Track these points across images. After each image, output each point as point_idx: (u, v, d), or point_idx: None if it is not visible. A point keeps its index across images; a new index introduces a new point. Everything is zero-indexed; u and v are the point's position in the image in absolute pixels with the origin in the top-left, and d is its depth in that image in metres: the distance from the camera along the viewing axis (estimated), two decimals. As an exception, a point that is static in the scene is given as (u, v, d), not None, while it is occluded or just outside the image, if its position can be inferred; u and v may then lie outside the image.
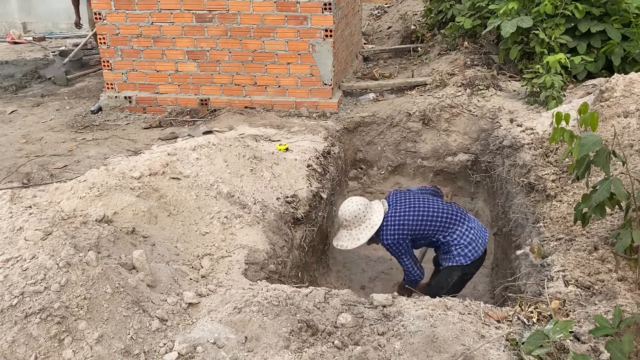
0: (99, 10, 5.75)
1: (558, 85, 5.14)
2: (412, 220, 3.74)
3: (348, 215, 3.78)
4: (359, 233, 3.77)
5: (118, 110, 6.07)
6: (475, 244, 3.79)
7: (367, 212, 3.78)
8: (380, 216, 3.77)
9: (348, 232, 3.82)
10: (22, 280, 2.27)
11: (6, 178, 4.48)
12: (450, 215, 3.81)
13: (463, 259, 3.78)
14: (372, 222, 3.76)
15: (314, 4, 5.43)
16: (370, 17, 11.63)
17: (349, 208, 3.79)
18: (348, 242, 3.80)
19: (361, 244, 3.78)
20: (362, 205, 3.79)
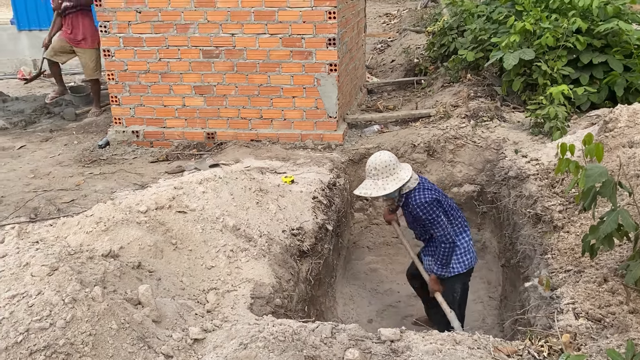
0: (108, 48, 5.87)
1: (562, 116, 5.16)
2: (440, 191, 3.90)
3: (379, 163, 3.75)
4: (385, 184, 3.74)
5: (125, 144, 6.13)
6: (472, 254, 4.02)
7: (397, 167, 3.77)
8: (409, 174, 3.77)
9: (374, 181, 3.78)
10: (28, 317, 2.26)
11: (14, 213, 4.50)
12: (461, 216, 4.00)
13: (460, 267, 3.92)
14: (400, 176, 3.76)
15: (318, 39, 5.53)
16: (374, 50, 11.81)
17: (381, 157, 3.78)
18: (373, 190, 3.77)
19: (386, 193, 3.74)
20: (394, 157, 3.82)
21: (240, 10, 5.53)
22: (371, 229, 5.84)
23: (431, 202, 3.74)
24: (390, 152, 3.92)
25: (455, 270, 3.94)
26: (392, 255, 5.52)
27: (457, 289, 4.02)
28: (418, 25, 11.95)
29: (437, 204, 3.77)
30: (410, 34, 11.25)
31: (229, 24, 5.60)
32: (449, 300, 4.02)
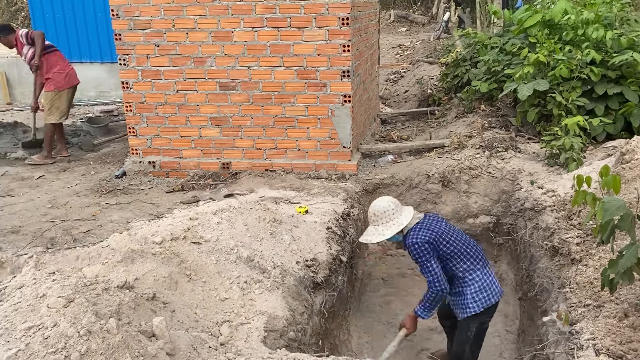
0: (127, 80, 6.01)
1: (577, 147, 5.14)
2: (441, 231, 3.70)
3: (377, 210, 3.75)
4: (385, 229, 3.73)
5: (142, 174, 6.20)
6: (491, 291, 3.73)
7: (397, 211, 3.74)
8: (409, 217, 3.74)
9: (375, 227, 3.78)
10: (43, 349, 2.26)
11: (31, 242, 4.55)
12: (476, 251, 3.78)
13: (476, 306, 3.69)
14: (399, 221, 3.72)
15: (333, 71, 5.61)
16: (388, 81, 11.93)
17: (380, 204, 3.77)
18: (373, 237, 3.76)
19: (385, 238, 3.72)
20: (393, 203, 3.78)
21: (257, 44, 5.64)
22: (385, 260, 5.79)
23: (422, 243, 3.63)
24: (390, 198, 3.90)
25: (471, 309, 3.71)
26: (408, 287, 5.45)
27: (472, 328, 3.79)
28: (431, 56, 12.08)
29: (428, 246, 3.64)
30: (423, 65, 11.36)
31: (245, 57, 5.71)
32: (462, 340, 3.84)
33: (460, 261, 3.73)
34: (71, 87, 7.21)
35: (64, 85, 7.08)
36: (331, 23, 5.49)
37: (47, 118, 7.06)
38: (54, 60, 7.08)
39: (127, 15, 5.79)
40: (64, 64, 7.21)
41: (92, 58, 10.96)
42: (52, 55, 7.10)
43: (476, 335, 3.83)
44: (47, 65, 7.03)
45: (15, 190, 5.98)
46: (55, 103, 7.05)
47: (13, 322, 2.47)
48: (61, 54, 7.42)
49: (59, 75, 7.03)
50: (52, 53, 7.12)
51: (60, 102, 7.07)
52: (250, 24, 5.60)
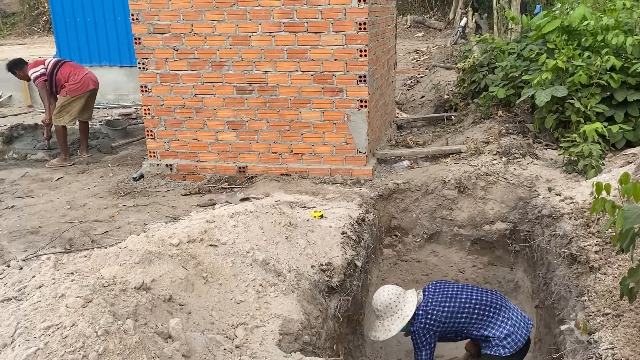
0: (145, 84, 6.08)
1: (596, 154, 5.08)
2: (444, 313, 3.68)
3: (379, 305, 3.78)
4: (390, 324, 3.74)
5: (159, 177, 6.27)
6: (515, 336, 3.68)
7: (400, 302, 3.75)
8: (413, 307, 3.73)
9: (380, 322, 3.80)
10: (62, 348, 2.29)
11: (50, 243, 4.62)
12: (486, 308, 3.73)
13: (502, 350, 3.66)
14: (404, 313, 3.72)
15: (349, 76, 5.62)
16: (404, 86, 11.91)
17: (381, 298, 3.79)
18: (380, 333, 3.77)
19: (392, 335, 3.73)
20: (394, 294, 3.77)
21: (274, 48, 5.68)
22: (400, 266, 5.78)
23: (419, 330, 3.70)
24: (390, 288, 3.86)
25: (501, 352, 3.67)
26: (422, 293, 5.42)
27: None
28: (448, 61, 12.04)
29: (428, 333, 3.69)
30: (440, 71, 11.32)
31: (262, 62, 5.74)
32: None
33: (477, 325, 3.71)
34: (85, 93, 7.25)
35: (77, 92, 7.16)
36: (348, 28, 5.50)
37: (57, 120, 7.15)
38: (66, 72, 7.17)
39: (146, 20, 5.87)
40: (77, 70, 7.27)
41: (111, 62, 11.12)
42: (63, 70, 7.18)
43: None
44: (61, 79, 7.16)
45: (35, 191, 6.08)
46: (65, 107, 7.13)
47: (33, 321, 2.51)
48: (73, 63, 7.56)
49: (73, 85, 7.14)
50: (62, 67, 7.21)
51: (70, 107, 7.15)
52: (267, 28, 5.64)
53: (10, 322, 2.55)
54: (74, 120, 7.27)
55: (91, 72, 7.53)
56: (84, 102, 7.29)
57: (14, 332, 2.48)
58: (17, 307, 2.68)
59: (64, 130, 7.15)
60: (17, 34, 24.53)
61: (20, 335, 2.43)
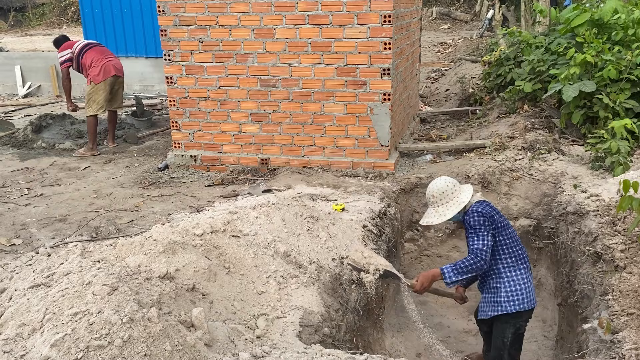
0: (171, 75, 6.14)
1: (624, 151, 4.98)
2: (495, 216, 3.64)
3: (436, 191, 3.71)
4: (445, 209, 3.68)
5: (183, 168, 6.35)
6: (527, 295, 3.62)
7: (455, 190, 3.70)
8: (469, 195, 3.68)
9: (435, 209, 3.73)
10: (88, 334, 2.36)
11: (77, 231, 4.73)
12: (523, 252, 3.70)
13: (509, 306, 3.58)
14: (459, 199, 3.67)
15: (373, 69, 5.60)
16: (428, 79, 11.80)
17: (437, 185, 3.73)
18: (434, 218, 3.71)
19: (447, 219, 3.66)
20: (451, 182, 3.74)
21: (298, 41, 5.68)
22: (422, 260, 5.76)
23: (484, 214, 3.57)
24: (448, 177, 3.83)
25: (503, 308, 3.60)
26: (443, 287, 5.40)
27: (508, 334, 3.69)
28: (473, 54, 11.88)
29: (489, 220, 3.57)
30: (465, 64, 11.19)
31: (286, 54, 5.76)
32: (498, 346, 3.76)
33: (507, 254, 3.64)
34: (109, 79, 7.23)
35: (100, 78, 7.16)
36: (373, 20, 5.48)
37: (86, 111, 7.26)
38: (90, 57, 7.24)
39: (172, 12, 5.92)
40: (99, 57, 7.27)
41: (137, 53, 11.25)
42: (88, 54, 7.26)
43: (513, 342, 3.73)
44: (85, 64, 7.26)
45: (62, 180, 6.21)
46: (92, 96, 7.20)
47: (60, 307, 2.58)
48: (99, 48, 7.52)
49: (94, 69, 7.17)
50: (88, 51, 7.29)
51: (97, 95, 7.19)
52: (292, 21, 5.65)
53: (39, 308, 2.64)
54: (102, 109, 7.28)
55: (116, 59, 7.51)
56: (109, 90, 7.31)
57: (43, 317, 2.57)
58: (46, 294, 2.76)
59: (93, 120, 7.23)
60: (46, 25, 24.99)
61: (49, 321, 2.51)
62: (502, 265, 3.66)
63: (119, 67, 7.43)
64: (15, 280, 3.30)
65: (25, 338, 2.52)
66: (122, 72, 7.50)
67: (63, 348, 2.32)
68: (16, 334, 2.55)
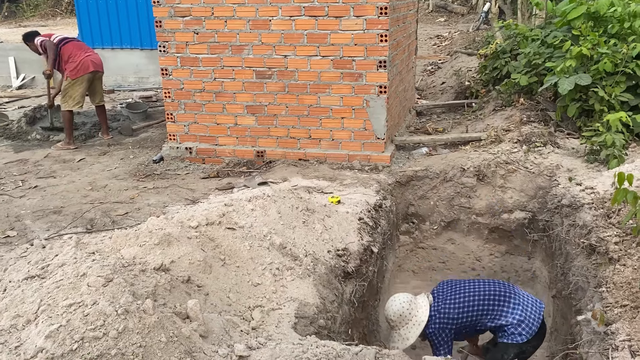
0: (166, 67, 6.11)
1: (619, 144, 5.00)
2: (455, 310, 3.70)
3: (392, 315, 3.77)
4: (407, 332, 3.74)
5: (179, 160, 6.33)
6: (528, 321, 3.66)
7: (412, 309, 3.74)
8: (426, 311, 3.73)
9: (397, 332, 3.79)
10: (83, 326, 2.35)
11: (72, 223, 4.71)
12: (496, 298, 3.72)
13: (519, 337, 3.65)
14: (418, 319, 3.72)
15: (369, 61, 5.58)
16: (424, 72, 11.79)
17: (393, 308, 3.78)
18: (399, 343, 3.75)
19: (411, 343, 3.73)
20: (406, 302, 3.77)
21: (294, 32, 5.66)
22: (417, 253, 5.78)
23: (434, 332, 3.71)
24: (401, 296, 3.84)
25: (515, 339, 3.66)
26: (438, 280, 5.42)
27: (510, 354, 3.72)
28: (470, 47, 11.88)
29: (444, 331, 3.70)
30: (461, 57, 11.18)
31: (282, 46, 5.73)
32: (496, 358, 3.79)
33: (484, 318, 3.71)
34: (86, 75, 7.14)
35: (76, 74, 7.08)
36: (369, 12, 5.45)
37: (62, 105, 7.19)
38: (68, 50, 7.14)
39: (167, 3, 5.88)
40: (78, 52, 7.17)
41: (132, 44, 11.18)
42: (66, 47, 7.16)
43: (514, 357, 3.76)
44: (62, 58, 7.16)
45: (57, 172, 6.19)
46: (68, 91, 7.11)
47: (55, 298, 2.58)
48: (78, 43, 7.43)
49: (71, 64, 7.08)
50: (66, 44, 7.19)
51: (73, 91, 7.10)
52: (288, 12, 5.62)
53: (34, 299, 2.63)
54: (78, 104, 7.17)
55: (94, 54, 7.41)
56: (87, 86, 7.22)
57: (38, 309, 2.56)
58: (41, 285, 2.75)
59: (69, 115, 7.14)
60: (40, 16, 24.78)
61: (43, 312, 2.50)
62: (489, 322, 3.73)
63: (98, 62, 7.33)
64: (9, 272, 3.28)
65: (19, 329, 2.51)
66: (101, 67, 7.41)
67: (58, 339, 2.31)
68: (10, 325, 2.54)
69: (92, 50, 7.56)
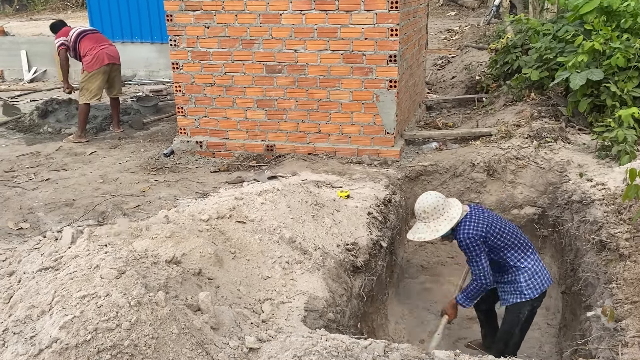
0: (177, 61, 6.14)
1: (631, 140, 4.96)
2: (490, 223, 3.71)
3: (427, 206, 3.72)
4: (437, 225, 3.71)
5: (189, 154, 6.36)
6: (543, 276, 3.77)
7: (446, 206, 3.74)
8: (459, 210, 3.74)
9: (425, 224, 3.76)
10: (96, 317, 2.39)
11: (84, 216, 4.76)
12: (525, 239, 3.82)
13: (531, 292, 3.72)
14: (450, 215, 3.71)
15: (379, 56, 5.57)
16: (434, 67, 11.74)
17: (429, 200, 3.74)
18: (426, 234, 3.74)
19: (440, 235, 3.71)
20: (441, 198, 3.77)
21: (304, 27, 5.66)
22: (426, 248, 5.78)
23: (474, 238, 3.66)
24: (436, 192, 3.86)
25: (526, 295, 3.73)
26: (447, 275, 5.43)
27: (524, 312, 3.81)
28: (480, 42, 11.79)
29: (480, 240, 3.67)
30: (472, 51, 11.12)
31: (292, 40, 5.73)
32: (512, 322, 3.86)
33: (512, 250, 3.76)
34: (103, 67, 7.18)
35: (92, 67, 7.12)
36: (379, 6, 5.44)
37: (80, 99, 7.26)
38: (85, 44, 7.19)
39: (178, -3, 5.90)
40: (93, 45, 7.20)
41: (143, 38, 11.21)
42: (83, 41, 7.21)
43: (526, 319, 3.86)
44: (80, 53, 7.22)
45: (69, 165, 6.24)
46: (85, 84, 7.16)
47: (69, 290, 2.62)
48: (94, 35, 7.44)
49: (87, 58, 7.13)
50: (84, 38, 7.23)
51: (90, 84, 7.14)
52: (298, 6, 5.61)
53: (48, 291, 2.67)
54: (95, 97, 7.22)
55: (110, 46, 7.44)
56: (105, 79, 7.26)
57: (52, 300, 2.60)
58: (54, 277, 2.80)
59: (86, 108, 7.21)
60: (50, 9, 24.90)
61: (57, 303, 2.54)
62: (512, 261, 3.77)
63: (114, 55, 7.36)
64: (23, 264, 3.33)
65: (34, 320, 2.56)
66: (117, 59, 7.44)
67: (72, 330, 2.35)
68: (26, 315, 2.59)
69: (109, 42, 7.59)
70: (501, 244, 3.73)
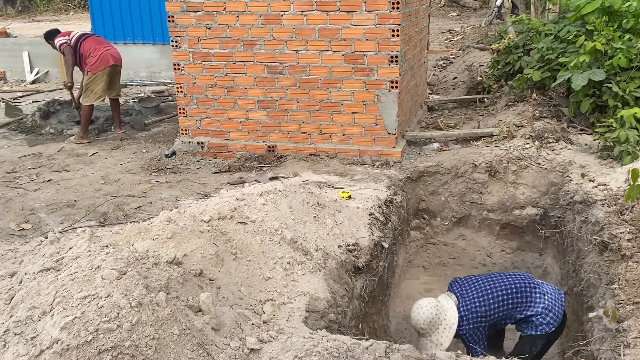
0: (178, 61, 6.14)
1: (633, 140, 4.95)
2: (486, 306, 3.65)
3: (422, 323, 3.70)
4: (438, 337, 3.67)
5: (191, 154, 6.37)
6: (554, 310, 3.67)
7: (440, 313, 3.69)
8: (455, 313, 3.68)
9: (428, 339, 3.72)
10: (97, 318, 2.39)
11: (85, 217, 4.77)
12: (522, 289, 3.71)
13: (547, 327, 3.65)
14: (448, 322, 3.67)
15: (381, 56, 5.57)
16: (436, 67, 11.73)
17: (421, 315, 3.70)
18: (432, 350, 3.65)
19: (445, 347, 3.63)
20: (433, 307, 3.71)
21: (305, 27, 5.66)
22: (427, 248, 5.78)
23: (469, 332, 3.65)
24: (426, 302, 3.78)
25: (541, 330, 3.67)
26: (449, 276, 5.42)
27: (538, 345, 3.72)
28: (482, 42, 11.78)
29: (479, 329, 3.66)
30: (473, 51, 11.11)
31: (293, 41, 5.74)
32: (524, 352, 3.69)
33: (514, 310, 3.69)
34: (107, 69, 7.19)
35: (97, 68, 7.13)
36: (381, 7, 5.44)
37: (83, 100, 7.25)
38: (87, 46, 7.20)
39: (180, -2, 5.91)
40: (97, 46, 7.23)
41: (144, 39, 11.23)
42: (85, 43, 7.21)
43: (539, 353, 3.77)
44: (83, 54, 7.22)
45: (70, 165, 6.25)
46: (90, 86, 7.16)
47: (70, 290, 2.61)
48: (96, 37, 7.49)
49: (91, 59, 7.14)
50: (85, 40, 7.24)
51: (94, 85, 7.14)
52: (299, 7, 5.62)
53: (49, 291, 2.67)
54: (100, 99, 7.24)
55: (113, 48, 7.47)
56: (108, 80, 7.27)
57: (53, 300, 2.60)
58: (56, 277, 2.79)
59: (89, 110, 7.21)
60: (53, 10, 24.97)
61: (58, 304, 2.54)
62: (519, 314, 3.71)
63: (117, 56, 7.40)
64: (25, 264, 3.33)
65: (35, 320, 2.56)
66: (120, 61, 7.47)
67: (73, 331, 2.35)
68: (27, 316, 2.59)
69: (110, 44, 7.62)
70: (506, 311, 3.67)
